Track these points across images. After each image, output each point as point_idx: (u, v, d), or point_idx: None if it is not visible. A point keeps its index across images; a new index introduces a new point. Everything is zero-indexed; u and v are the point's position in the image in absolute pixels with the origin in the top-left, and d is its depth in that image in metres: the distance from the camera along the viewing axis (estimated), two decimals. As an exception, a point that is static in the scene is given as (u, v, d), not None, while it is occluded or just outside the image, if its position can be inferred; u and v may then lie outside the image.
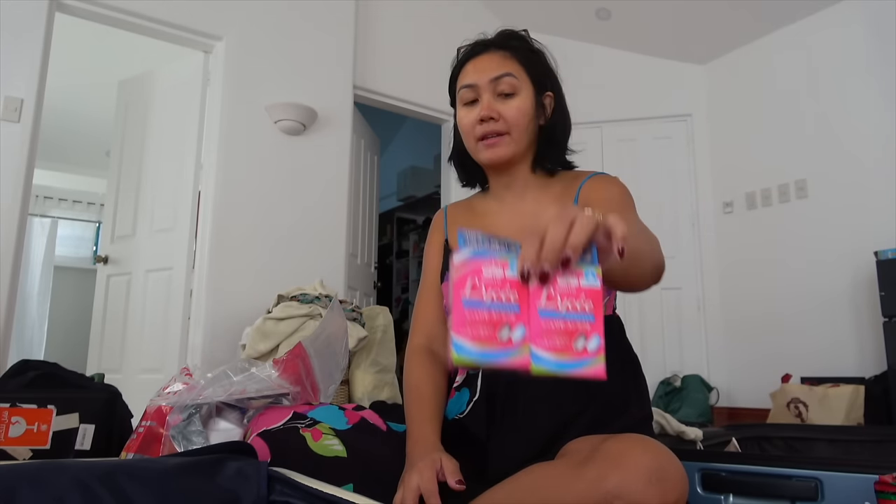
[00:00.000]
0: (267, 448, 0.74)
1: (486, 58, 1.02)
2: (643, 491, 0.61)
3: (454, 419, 0.94)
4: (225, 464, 0.56)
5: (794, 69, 3.97)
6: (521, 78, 1.00)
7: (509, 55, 1.02)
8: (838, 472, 0.95)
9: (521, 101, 0.99)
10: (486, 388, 0.92)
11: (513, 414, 0.89)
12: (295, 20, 3.47)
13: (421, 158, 6.34)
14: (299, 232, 3.31)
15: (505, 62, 1.01)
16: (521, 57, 1.02)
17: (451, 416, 0.95)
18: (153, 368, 3.12)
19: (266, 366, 0.86)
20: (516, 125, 0.99)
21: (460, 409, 0.95)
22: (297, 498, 0.54)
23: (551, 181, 1.07)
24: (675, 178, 4.45)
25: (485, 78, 1.00)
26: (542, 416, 0.87)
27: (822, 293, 3.68)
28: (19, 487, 0.46)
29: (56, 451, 1.25)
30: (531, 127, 1.01)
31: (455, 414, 0.95)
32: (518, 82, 1.00)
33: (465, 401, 0.95)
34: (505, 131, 0.99)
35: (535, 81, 1.02)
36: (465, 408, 0.94)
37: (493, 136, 1.00)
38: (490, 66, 1.01)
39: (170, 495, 0.50)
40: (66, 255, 5.91)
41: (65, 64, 3.72)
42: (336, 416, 0.84)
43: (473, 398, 0.93)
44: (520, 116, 0.99)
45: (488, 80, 1.00)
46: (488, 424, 0.90)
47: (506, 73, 0.99)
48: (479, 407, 0.91)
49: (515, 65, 1.01)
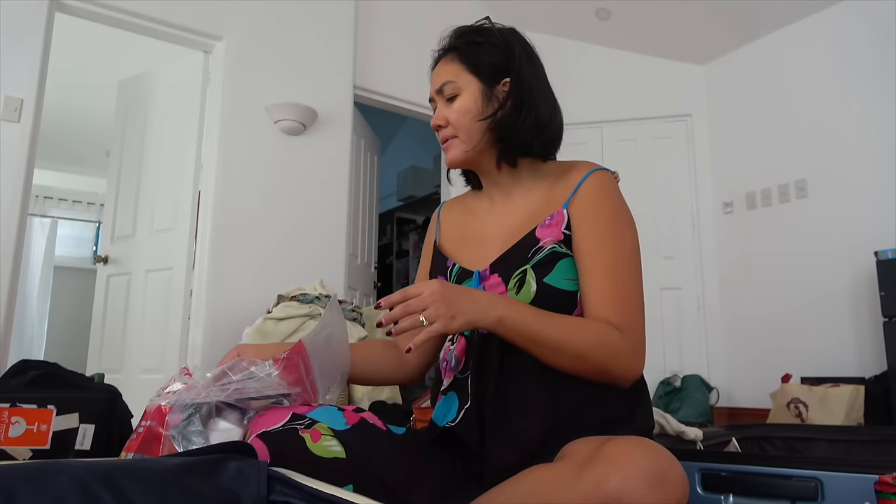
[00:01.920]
0: (266, 449, 0.73)
1: (437, 69, 1.04)
2: (644, 493, 0.61)
3: (445, 427, 0.93)
4: (225, 464, 0.56)
5: (795, 69, 3.97)
6: (460, 78, 0.99)
7: (452, 57, 1.02)
8: (838, 472, 0.95)
9: (461, 102, 0.99)
10: (476, 395, 0.91)
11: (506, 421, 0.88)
12: (295, 20, 3.47)
13: (421, 158, 6.34)
14: (299, 232, 3.31)
15: (446, 67, 1.02)
16: (462, 56, 1.01)
17: (441, 423, 0.95)
18: (153, 368, 3.12)
19: (266, 364, 0.86)
20: (460, 126, 0.99)
21: (450, 417, 0.94)
22: (297, 498, 0.54)
23: (541, 175, 1.02)
24: (675, 178, 4.45)
25: (433, 90, 1.02)
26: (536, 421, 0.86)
27: (823, 293, 3.68)
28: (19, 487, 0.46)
29: (56, 451, 1.25)
30: (479, 124, 0.98)
31: (445, 421, 0.94)
32: (458, 84, 0.99)
33: (455, 408, 0.94)
34: (452, 135, 1.00)
35: (480, 76, 0.99)
36: (456, 416, 0.93)
37: (446, 141, 1.02)
38: (437, 77, 1.02)
39: (169, 495, 0.50)
40: (66, 255, 5.91)
41: (65, 64, 3.72)
42: (335, 416, 0.83)
43: (465, 406, 0.92)
44: (460, 117, 0.99)
45: (435, 93, 1.02)
46: (481, 433, 0.89)
47: (445, 81, 1.00)
48: (471, 415, 0.90)
49: (456, 66, 1.00)
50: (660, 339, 4.16)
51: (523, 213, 1.00)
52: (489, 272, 0.95)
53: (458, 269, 1.00)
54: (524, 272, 0.91)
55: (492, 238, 1.01)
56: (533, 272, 0.91)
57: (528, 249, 0.93)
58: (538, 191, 1.01)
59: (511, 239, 0.97)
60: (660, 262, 4.30)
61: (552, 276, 0.91)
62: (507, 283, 0.92)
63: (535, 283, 0.90)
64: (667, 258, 4.33)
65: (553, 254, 0.92)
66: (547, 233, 0.94)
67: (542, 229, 0.95)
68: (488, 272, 0.95)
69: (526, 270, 0.91)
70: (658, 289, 4.21)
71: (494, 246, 0.99)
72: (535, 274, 0.91)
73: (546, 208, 0.97)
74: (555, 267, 0.91)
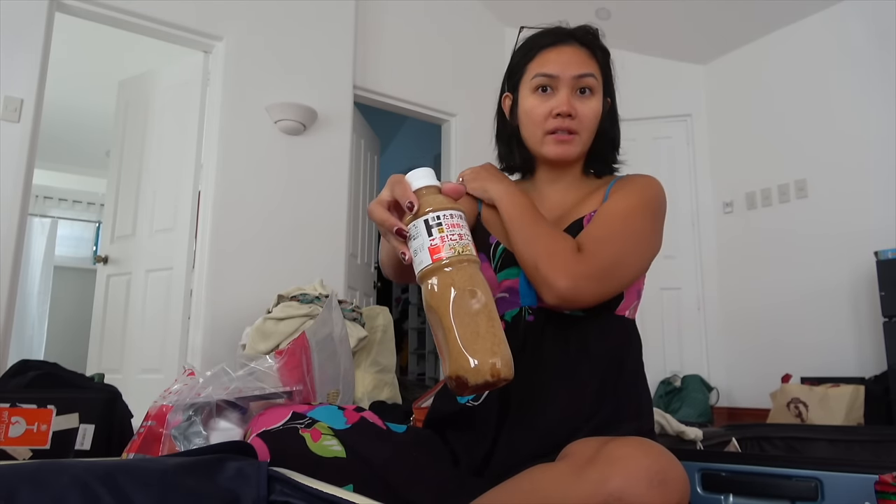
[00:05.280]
0: (266, 449, 0.73)
1: (570, 51, 1.00)
2: (645, 493, 0.61)
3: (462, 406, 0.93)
4: (225, 464, 0.56)
5: (794, 69, 3.97)
6: (598, 79, 1.00)
7: (591, 54, 1.01)
8: (838, 472, 0.95)
9: (595, 103, 0.99)
10: None
11: (528, 409, 0.88)
12: (295, 20, 3.47)
13: (421, 158, 6.33)
14: (299, 232, 3.31)
15: (588, 61, 0.99)
16: (599, 58, 1.01)
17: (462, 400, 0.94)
18: (153, 368, 3.12)
19: (266, 358, 0.86)
20: (588, 127, 0.99)
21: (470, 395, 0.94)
22: (297, 498, 0.54)
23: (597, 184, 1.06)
24: (675, 178, 4.45)
25: (568, 73, 0.97)
26: (557, 415, 0.87)
27: (822, 293, 3.68)
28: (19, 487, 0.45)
29: (56, 451, 1.25)
30: (595, 130, 1.01)
31: (466, 398, 0.93)
32: (596, 84, 0.99)
33: None
34: (577, 131, 0.98)
35: (606, 86, 1.02)
36: None
37: (564, 133, 0.98)
38: (574, 61, 0.98)
39: (169, 495, 0.50)
40: (66, 255, 5.91)
41: (65, 64, 3.72)
42: (335, 416, 0.83)
43: None
44: (593, 118, 0.99)
45: (571, 76, 0.97)
46: (499, 417, 0.89)
47: (590, 73, 0.98)
48: (493, 397, 0.90)
49: (595, 65, 1.00)
50: (660, 338, 4.16)
51: (572, 209, 1.01)
52: None
53: (503, 251, 0.98)
54: None
55: None
56: None
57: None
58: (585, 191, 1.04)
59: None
60: (660, 261, 4.24)
61: None
62: None
63: None
64: (667, 258, 4.31)
65: None
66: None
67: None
68: None
69: None
70: (658, 289, 4.21)
71: None
72: None
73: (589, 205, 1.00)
74: None
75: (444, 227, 0.63)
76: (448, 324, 0.60)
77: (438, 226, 0.63)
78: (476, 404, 0.92)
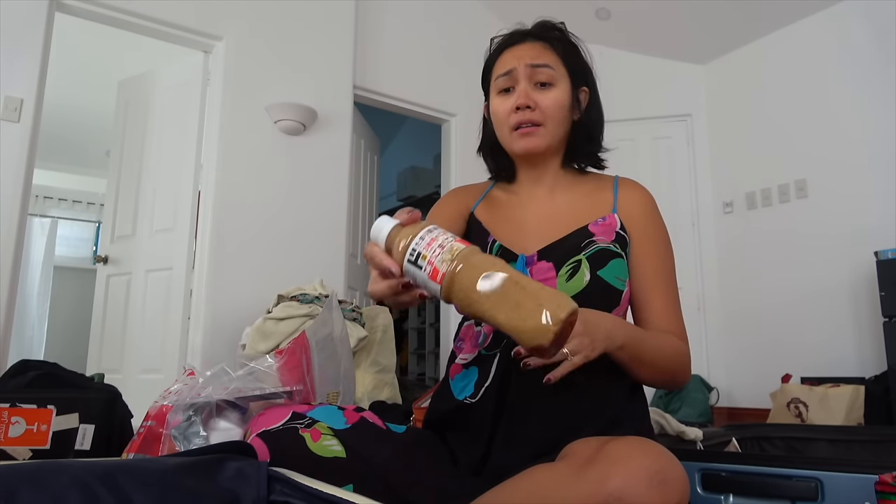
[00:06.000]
0: (266, 449, 0.73)
1: (525, 46, 1.01)
2: (645, 493, 0.61)
3: (459, 403, 0.93)
4: (225, 464, 0.56)
5: (794, 69, 3.97)
6: (558, 70, 0.99)
7: (548, 46, 1.01)
8: (838, 472, 0.95)
9: (557, 93, 0.98)
10: (500, 374, 0.91)
11: (524, 409, 0.88)
12: (295, 20, 3.47)
13: (421, 158, 6.33)
14: (299, 232, 3.31)
15: (544, 52, 1.00)
16: (559, 49, 1.01)
17: (459, 397, 0.94)
18: (153, 368, 3.12)
19: (266, 358, 0.86)
20: (552, 117, 0.98)
21: (469, 392, 0.93)
22: (297, 498, 0.54)
23: (581, 179, 1.06)
24: (675, 178, 4.45)
25: (522, 63, 0.98)
26: (555, 415, 0.87)
27: (822, 293, 3.68)
28: (19, 487, 0.45)
29: (56, 451, 1.25)
30: (566, 121, 1.01)
31: (463, 395, 0.94)
32: (556, 74, 0.99)
33: (474, 382, 0.94)
34: (540, 122, 0.98)
35: (571, 74, 1.01)
36: (475, 392, 0.92)
37: (527, 126, 0.98)
38: (528, 54, 0.99)
39: (169, 495, 0.50)
40: (66, 255, 5.91)
41: (65, 64, 3.71)
42: (335, 416, 0.83)
43: (484, 384, 0.92)
44: (556, 108, 0.98)
45: (525, 66, 0.98)
46: (495, 416, 0.89)
47: (545, 64, 0.98)
48: (490, 394, 0.90)
49: (553, 56, 1.00)
50: (660, 339, 4.16)
51: (568, 210, 1.01)
52: (537, 258, 0.96)
53: (500, 248, 0.98)
54: (578, 262, 0.93)
55: (532, 227, 1.02)
56: (588, 263, 0.93)
57: (581, 241, 0.95)
58: (579, 192, 1.04)
59: (557, 231, 0.98)
60: (660, 262, 4.29)
61: (605, 272, 0.93)
62: (559, 270, 0.93)
63: (589, 274, 0.92)
64: (667, 258, 4.33)
65: (604, 251, 0.94)
66: (599, 230, 0.97)
67: (594, 226, 0.97)
68: (535, 258, 0.96)
69: (581, 261, 0.93)
70: (658, 289, 4.21)
71: (536, 235, 0.99)
72: (589, 265, 0.93)
73: (592, 209, 1.00)
74: (608, 263, 0.93)
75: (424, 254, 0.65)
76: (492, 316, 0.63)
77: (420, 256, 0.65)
78: (473, 402, 0.92)
